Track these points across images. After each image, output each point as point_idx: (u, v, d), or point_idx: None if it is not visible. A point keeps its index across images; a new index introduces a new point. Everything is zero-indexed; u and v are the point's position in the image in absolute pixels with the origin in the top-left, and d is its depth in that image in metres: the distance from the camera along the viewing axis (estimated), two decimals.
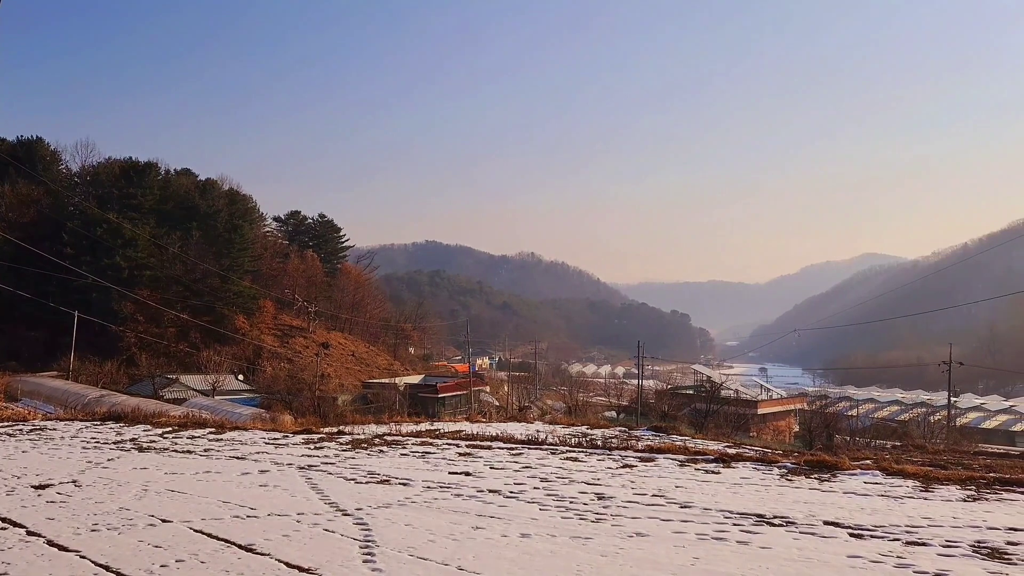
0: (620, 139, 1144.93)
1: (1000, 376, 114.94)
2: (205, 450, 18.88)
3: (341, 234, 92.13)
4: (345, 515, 10.82)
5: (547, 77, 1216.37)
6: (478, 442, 19.46)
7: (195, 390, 50.65)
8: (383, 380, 58.20)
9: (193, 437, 21.90)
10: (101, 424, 25.38)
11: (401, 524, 10.21)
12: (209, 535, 9.60)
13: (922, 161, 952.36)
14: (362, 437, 21.72)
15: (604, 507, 11.43)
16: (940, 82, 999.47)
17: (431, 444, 19.55)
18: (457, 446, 18.87)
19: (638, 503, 11.75)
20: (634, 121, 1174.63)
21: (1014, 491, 12.72)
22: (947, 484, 13.31)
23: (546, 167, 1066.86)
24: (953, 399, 63.42)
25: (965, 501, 12.02)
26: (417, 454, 17.70)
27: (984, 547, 9.09)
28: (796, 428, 53.44)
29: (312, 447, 19.38)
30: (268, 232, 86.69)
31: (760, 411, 56.34)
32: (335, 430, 24.51)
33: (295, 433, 23.21)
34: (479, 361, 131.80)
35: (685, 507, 11.44)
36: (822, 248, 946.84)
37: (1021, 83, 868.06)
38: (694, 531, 9.84)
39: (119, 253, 62.21)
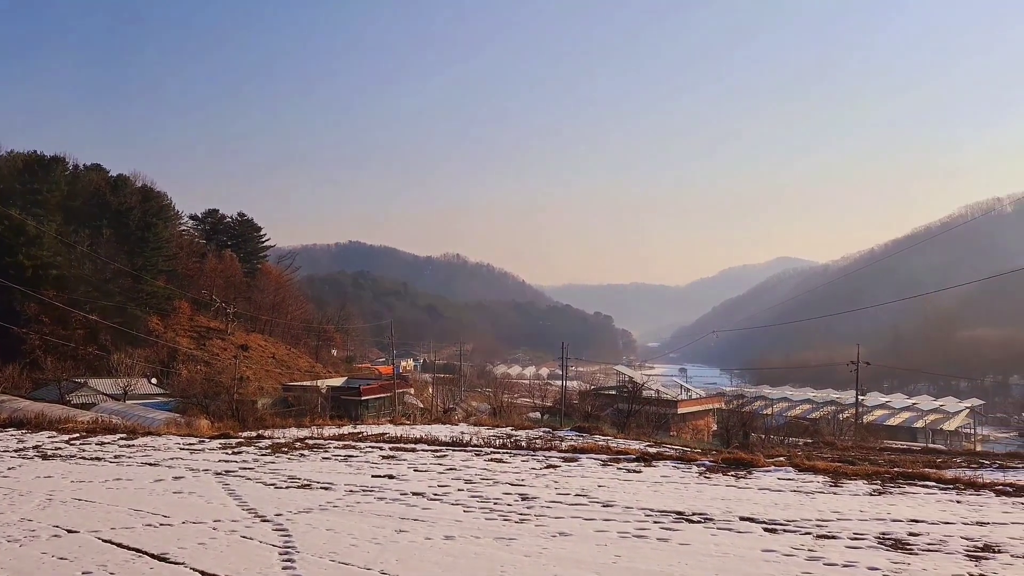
0: (548, 143, 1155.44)
1: (903, 375, 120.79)
2: (115, 457, 18.13)
3: (261, 233, 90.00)
4: (264, 521, 10.56)
5: (474, 78, 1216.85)
6: (402, 445, 19.30)
7: (105, 394, 48.56)
8: (305, 383, 57.02)
9: (103, 443, 21.00)
10: (1, 431, 24.08)
11: (322, 529, 10.03)
12: (119, 545, 9.21)
13: (831, 169, 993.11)
14: (282, 441, 21.26)
15: (528, 507, 11.49)
16: (846, 96, 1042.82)
17: (354, 447, 19.28)
18: (380, 449, 18.67)
19: (561, 503, 11.86)
20: (561, 126, 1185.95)
21: (915, 485, 13.39)
22: (855, 479, 13.90)
23: (473, 169, 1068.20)
24: (860, 397, 66.23)
25: (871, 495, 12.57)
26: (339, 457, 17.43)
27: (888, 538, 9.53)
28: (714, 427, 54.82)
29: (230, 452, 18.85)
30: (184, 231, 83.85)
31: (680, 411, 57.61)
32: (254, 434, 23.91)
33: (212, 438, 22.54)
34: (403, 363, 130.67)
35: (607, 506, 11.60)
36: (740, 252, 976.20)
37: (923, 99, 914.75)
38: (616, 530, 9.99)
39: (21, 251, 59.12)
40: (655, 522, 10.43)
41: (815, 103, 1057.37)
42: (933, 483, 13.45)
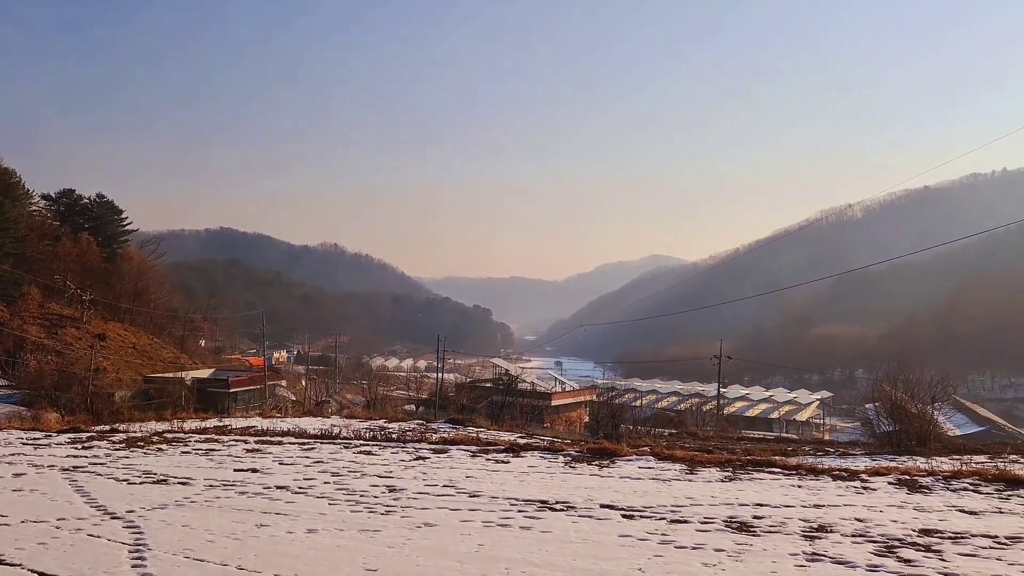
0: (426, 131, 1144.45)
1: (762, 369, 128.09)
2: None
3: (123, 216, 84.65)
4: (114, 518, 10.04)
5: (354, 64, 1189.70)
6: (268, 438, 18.78)
7: None
8: (167, 374, 54.26)
9: None
10: None
11: (178, 525, 9.65)
12: None
13: (703, 171, 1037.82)
14: (139, 435, 20.22)
15: (395, 499, 11.47)
16: (717, 103, 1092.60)
17: (217, 441, 18.59)
18: (245, 442, 18.09)
19: (429, 494, 11.91)
20: (441, 118, 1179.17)
21: (763, 471, 14.28)
22: (709, 467, 14.66)
23: (351, 157, 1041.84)
24: (723, 390, 69.78)
25: (723, 481, 13.32)
26: (200, 451, 16.76)
27: (735, 522, 10.14)
28: (586, 418, 56.29)
29: (80, 447, 17.76)
30: (35, 211, 77.86)
31: (554, 403, 58.70)
32: (108, 428, 22.61)
33: (60, 432, 21.16)
34: (276, 355, 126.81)
35: (474, 496, 11.74)
36: (615, 249, 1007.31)
37: (781, 110, 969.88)
38: (481, 519, 10.14)
39: None
40: (519, 511, 10.66)
41: (690, 108, 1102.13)
42: (779, 470, 14.39)
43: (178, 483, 12.88)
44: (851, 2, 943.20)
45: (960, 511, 11.04)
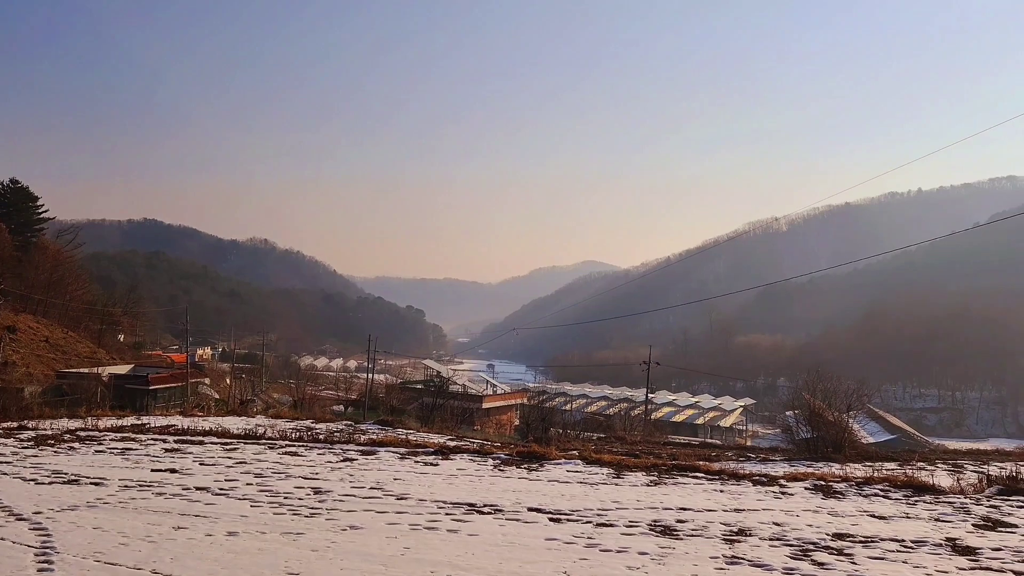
0: (363, 129, 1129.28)
1: (689, 375, 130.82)
2: None
3: (38, 204, 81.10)
4: (20, 520, 9.59)
5: (286, 55, 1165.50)
6: (189, 437, 18.23)
7: None
8: (83, 370, 52.15)
9: None
10: None
11: (89, 528, 9.27)
12: None
13: (639, 179, 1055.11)
14: (49, 433, 19.37)
15: (320, 501, 11.28)
16: (655, 113, 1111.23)
17: (134, 440, 17.95)
18: (164, 442, 17.52)
19: (355, 496, 11.75)
20: (374, 111, 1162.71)
21: (687, 475, 14.58)
22: (635, 471, 14.89)
23: (283, 149, 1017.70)
24: (651, 395, 71.00)
25: (648, 486, 13.54)
26: (116, 451, 16.16)
27: (659, 525, 10.32)
28: (517, 422, 56.50)
29: None
30: None
31: (485, 405, 58.79)
32: (15, 425, 21.58)
33: None
34: (200, 351, 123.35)
35: (402, 499, 11.64)
36: (549, 253, 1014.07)
37: (714, 124, 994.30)
38: (408, 522, 10.06)
39: None
40: (447, 514, 10.62)
41: (625, 120, 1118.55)
42: (702, 474, 14.71)
43: (91, 483, 12.39)
44: (782, 25, 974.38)
45: (871, 516, 11.48)
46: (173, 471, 13.65)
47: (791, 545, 9.44)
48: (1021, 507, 12.99)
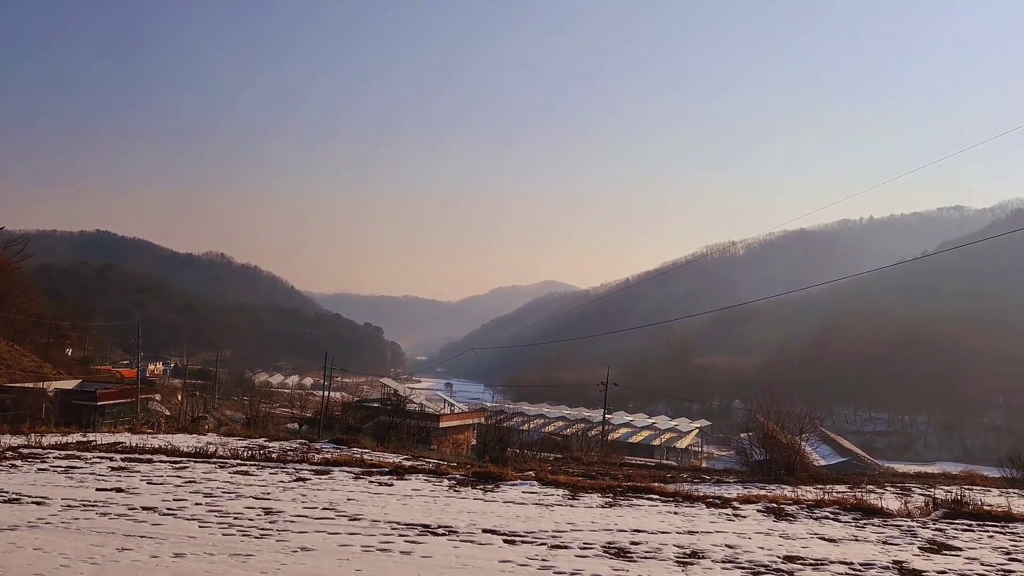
0: (323, 141, 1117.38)
1: (646, 396, 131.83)
2: None
3: None
4: None
5: (246, 64, 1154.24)
6: (137, 455, 17.78)
7: None
8: (27, 384, 50.62)
9: None
10: None
11: (29, 549, 8.97)
12: None
13: (597, 200, 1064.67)
14: None
15: (271, 522, 11.08)
16: (608, 135, 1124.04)
17: (78, 458, 17.44)
18: (111, 460, 17.06)
19: (307, 517, 11.57)
20: (335, 130, 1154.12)
21: (642, 497, 14.65)
22: (591, 492, 14.92)
23: (239, 162, 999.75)
24: (608, 416, 71.25)
25: (603, 507, 13.57)
26: (59, 469, 15.68)
27: (613, 547, 10.34)
28: (474, 441, 56.23)
29: None
30: None
31: (442, 425, 58.41)
32: None
33: None
34: (152, 367, 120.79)
35: (355, 519, 11.50)
36: (509, 272, 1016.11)
37: (671, 148, 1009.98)
38: (360, 543, 9.93)
39: None
40: (400, 535, 10.51)
41: (583, 142, 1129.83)
42: (657, 496, 14.80)
43: (32, 503, 12.00)
44: (740, 56, 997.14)
45: (821, 538, 11.66)
46: (119, 490, 13.29)
47: (742, 568, 9.53)
48: (967, 530, 13.31)
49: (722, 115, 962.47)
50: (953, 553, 11.17)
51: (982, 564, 10.43)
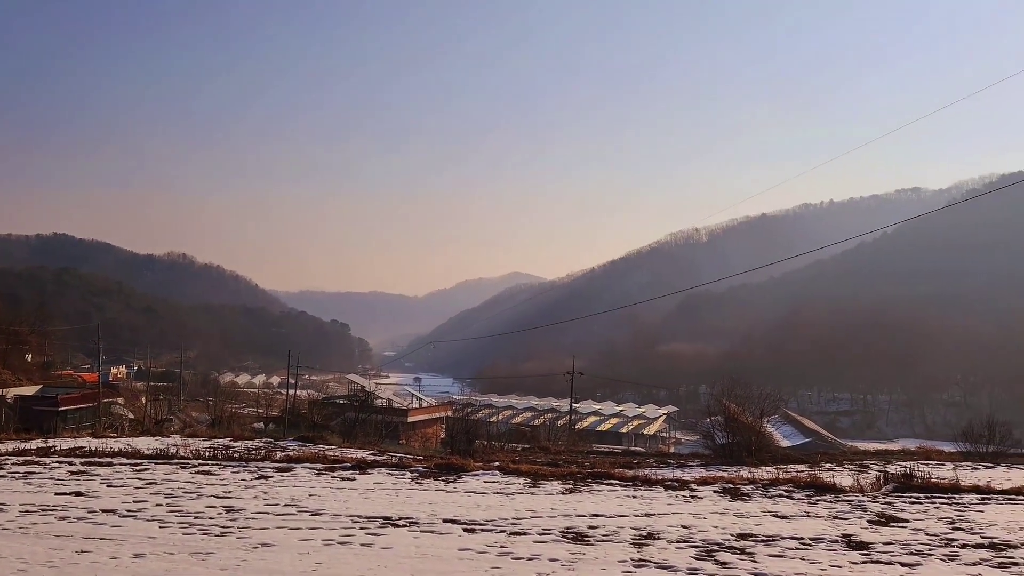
0: (283, 140, 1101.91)
1: (614, 385, 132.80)
2: None
3: None
4: None
5: (209, 60, 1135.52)
6: (97, 459, 17.61)
7: None
8: None
9: None
10: None
11: None
12: None
13: (564, 191, 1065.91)
14: None
15: (232, 520, 11.11)
16: (570, 125, 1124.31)
17: (37, 463, 17.23)
18: (71, 464, 16.88)
19: (269, 513, 11.62)
20: (291, 121, 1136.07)
21: (602, 483, 14.91)
22: (552, 480, 15.14)
23: (200, 162, 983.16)
24: (576, 405, 71.78)
25: (563, 494, 13.79)
26: (17, 475, 15.49)
27: (571, 532, 10.55)
28: (443, 434, 56.28)
29: None
30: None
31: (411, 419, 58.38)
32: None
33: None
34: (115, 370, 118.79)
35: (316, 514, 11.57)
36: (476, 265, 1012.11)
37: (635, 136, 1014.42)
38: (321, 537, 10.02)
39: None
40: (361, 528, 10.61)
41: (546, 130, 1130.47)
42: (616, 481, 15.07)
43: None
44: (697, 40, 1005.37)
45: (774, 516, 12.00)
46: (79, 494, 13.20)
47: (696, 547, 9.80)
48: (914, 502, 13.79)
49: (685, 108, 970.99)
50: (900, 525, 11.58)
51: (927, 534, 10.84)
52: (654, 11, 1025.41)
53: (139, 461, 17.55)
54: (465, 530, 10.56)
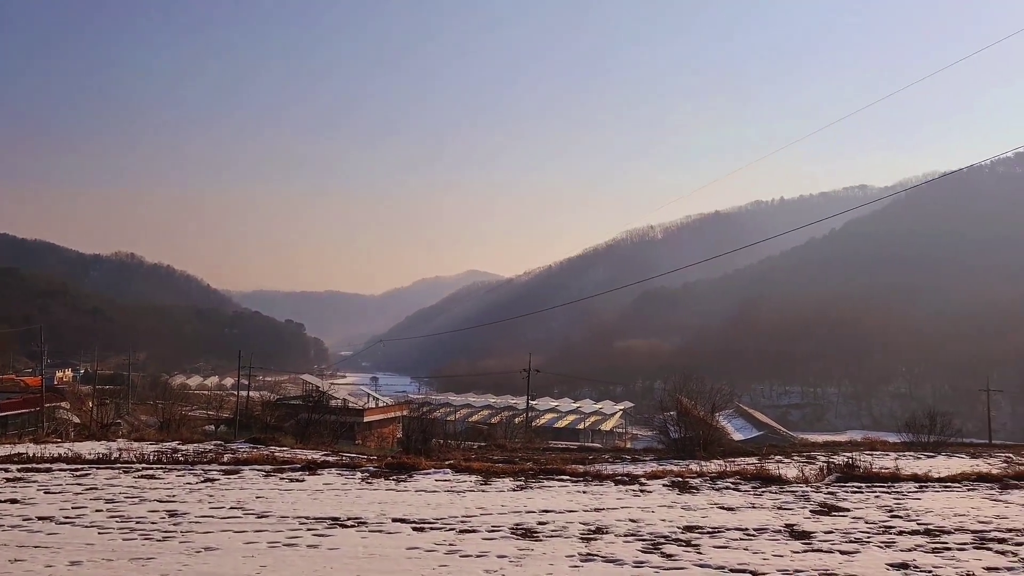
0: (238, 141, 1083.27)
1: (571, 381, 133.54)
2: None
3: None
4: None
5: (156, 59, 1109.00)
6: (35, 465, 17.09)
7: None
8: None
9: None
10: None
11: None
12: None
13: (520, 188, 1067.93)
14: None
15: (175, 524, 10.88)
16: (524, 126, 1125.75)
17: None
18: (7, 471, 16.33)
19: (213, 517, 11.41)
20: (244, 118, 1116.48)
21: (553, 479, 14.97)
22: (504, 477, 15.16)
23: (149, 161, 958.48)
24: (534, 403, 72.02)
25: (514, 491, 13.81)
26: None
27: (520, 528, 10.57)
28: (399, 434, 55.95)
29: None
30: None
31: (367, 419, 57.91)
32: None
33: None
34: (60, 374, 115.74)
35: (262, 517, 11.40)
36: (433, 263, 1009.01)
37: (591, 133, 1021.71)
38: (267, 540, 9.87)
39: None
40: (308, 529, 10.49)
41: (505, 129, 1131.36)
42: (567, 477, 15.14)
43: None
44: (650, 37, 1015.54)
45: (720, 507, 12.18)
46: (13, 501, 12.79)
47: (644, 540, 9.90)
48: (856, 492, 14.12)
49: (635, 104, 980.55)
50: (841, 514, 11.85)
51: (866, 522, 11.11)
52: (615, 14, 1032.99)
53: (80, 466, 17.08)
54: (414, 529, 10.51)
